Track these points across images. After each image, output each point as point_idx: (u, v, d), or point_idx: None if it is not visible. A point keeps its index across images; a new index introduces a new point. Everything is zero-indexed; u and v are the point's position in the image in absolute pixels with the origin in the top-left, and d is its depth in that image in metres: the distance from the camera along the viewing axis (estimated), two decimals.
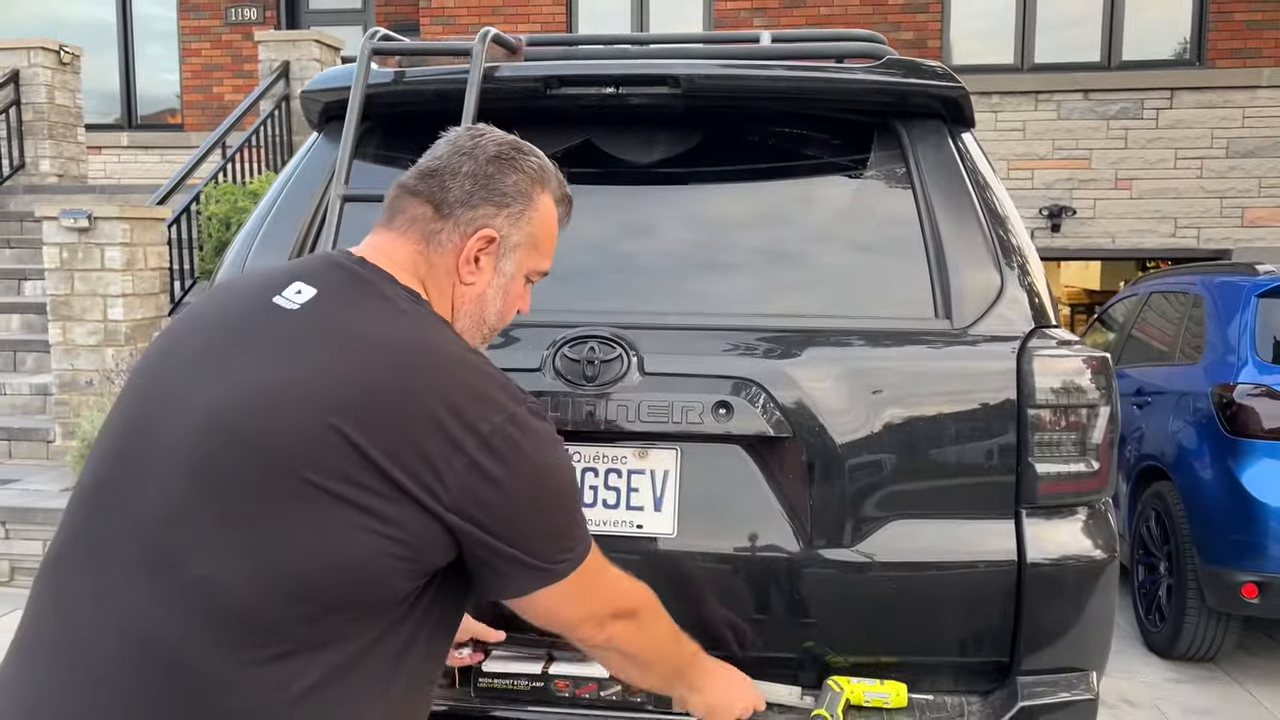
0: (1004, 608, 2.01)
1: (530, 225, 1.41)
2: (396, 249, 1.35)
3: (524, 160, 1.40)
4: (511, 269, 1.41)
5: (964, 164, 2.24)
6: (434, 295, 1.35)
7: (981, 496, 2.02)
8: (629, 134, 2.32)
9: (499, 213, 1.37)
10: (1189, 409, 4.61)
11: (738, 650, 2.05)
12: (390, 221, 1.38)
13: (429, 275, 1.35)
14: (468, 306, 1.38)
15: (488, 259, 1.37)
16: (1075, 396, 2.04)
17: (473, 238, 1.35)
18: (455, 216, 1.35)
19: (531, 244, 1.42)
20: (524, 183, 1.39)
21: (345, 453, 1.14)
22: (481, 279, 1.38)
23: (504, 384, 1.27)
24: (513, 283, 1.42)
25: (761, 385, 2.01)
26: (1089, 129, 8.90)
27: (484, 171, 1.36)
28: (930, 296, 2.12)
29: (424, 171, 1.38)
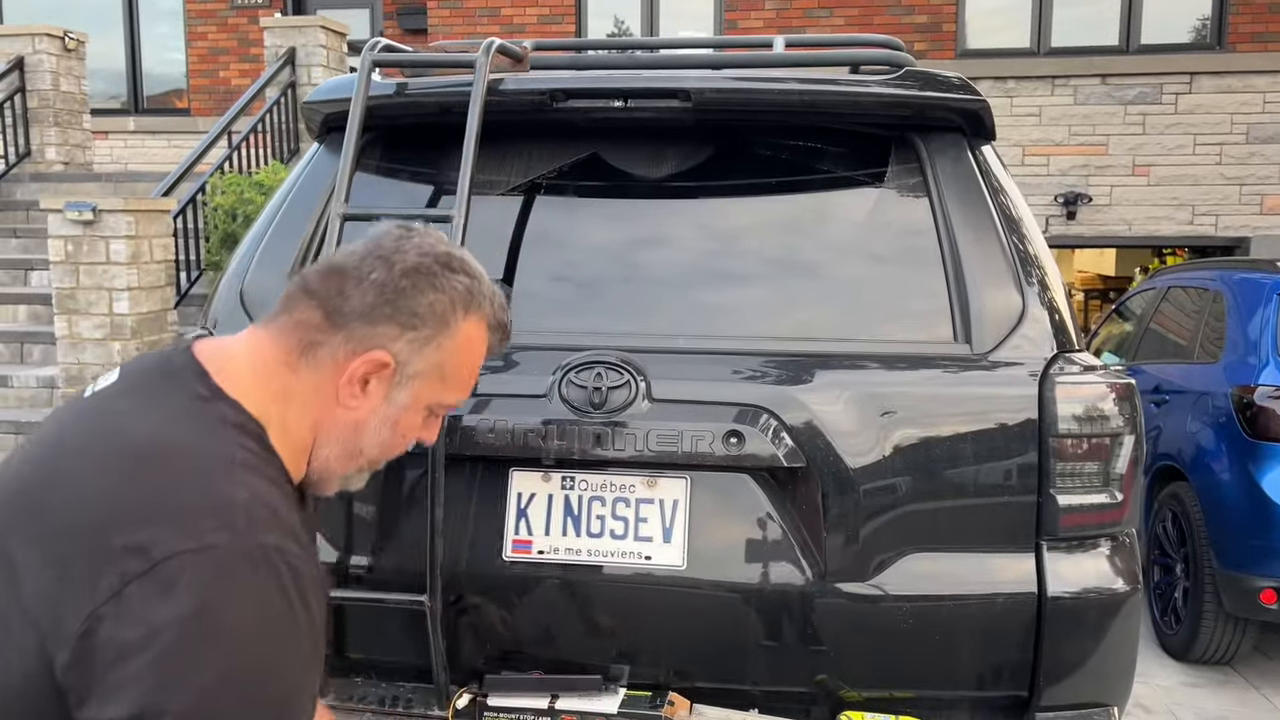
0: (1023, 642, 1.95)
1: (439, 354, 1.16)
2: (257, 351, 1.14)
3: (449, 279, 1.16)
4: (405, 400, 1.17)
5: (984, 179, 2.16)
6: (290, 413, 1.12)
7: (1001, 528, 1.96)
8: (638, 147, 2.25)
9: (401, 334, 1.14)
10: (1208, 409, 4.52)
11: (749, 685, 2.00)
12: (272, 319, 1.17)
13: (287, 389, 1.12)
14: (340, 432, 1.15)
15: (379, 385, 1.15)
16: (1099, 425, 1.97)
17: (360, 358, 1.12)
18: (348, 329, 1.12)
19: (437, 374, 1.18)
20: (442, 304, 1.15)
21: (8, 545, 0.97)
22: (365, 405, 1.15)
23: (232, 507, 0.97)
24: (406, 414, 1.18)
25: (774, 413, 1.95)
26: (1106, 114, 8.76)
27: (395, 284, 1.13)
28: (949, 319, 2.05)
29: (329, 269, 1.16)
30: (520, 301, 2.16)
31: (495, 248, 2.19)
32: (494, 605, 2.02)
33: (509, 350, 2.08)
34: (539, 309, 2.14)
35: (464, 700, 2.00)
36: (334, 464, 1.17)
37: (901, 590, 1.95)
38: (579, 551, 2.00)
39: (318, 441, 1.15)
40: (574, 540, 2.00)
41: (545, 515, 2.02)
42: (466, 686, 2.03)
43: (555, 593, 2.00)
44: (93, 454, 1.02)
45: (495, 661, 2.04)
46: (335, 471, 1.18)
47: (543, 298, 2.16)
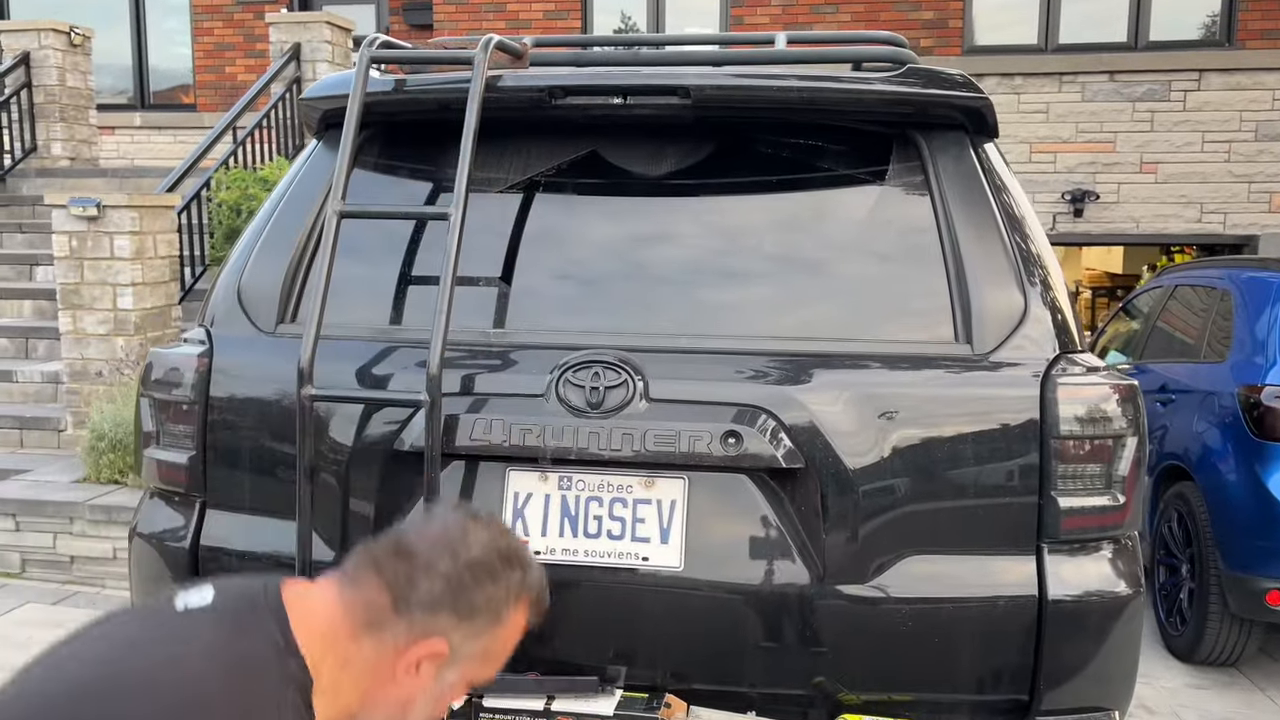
0: (1024, 645, 1.93)
1: (490, 641, 1.28)
2: (330, 613, 1.22)
3: (507, 575, 1.26)
4: (453, 679, 1.27)
5: (987, 177, 2.14)
6: (344, 679, 1.20)
7: (1001, 530, 1.94)
8: (637, 145, 2.23)
9: (458, 625, 1.23)
10: (1214, 409, 4.49)
11: (746, 687, 1.98)
12: (343, 587, 1.25)
13: (347, 657, 1.21)
14: (388, 707, 1.24)
15: (429, 667, 1.24)
16: (1101, 426, 1.95)
17: (420, 645, 1.22)
18: (411, 618, 1.21)
19: (484, 657, 1.29)
20: (498, 599, 1.26)
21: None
22: (416, 685, 1.24)
23: None
24: (450, 691, 1.29)
25: (772, 413, 1.94)
26: (1114, 111, 8.71)
27: (459, 577, 1.23)
28: (950, 319, 2.03)
29: (398, 549, 1.25)
30: (518, 300, 2.14)
31: (493, 245, 2.18)
32: None
33: (506, 349, 2.07)
34: (537, 307, 2.13)
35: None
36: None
37: (901, 592, 1.93)
38: (576, 552, 1.98)
39: (365, 708, 1.22)
40: (571, 540, 1.99)
41: (542, 515, 2.01)
42: None
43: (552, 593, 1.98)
44: (155, 685, 1.07)
45: None
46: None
47: (541, 296, 2.14)
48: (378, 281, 2.20)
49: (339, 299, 2.11)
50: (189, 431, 2.14)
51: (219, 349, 2.16)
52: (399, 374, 2.05)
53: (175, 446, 2.17)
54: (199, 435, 2.13)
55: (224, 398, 2.13)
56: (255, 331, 2.16)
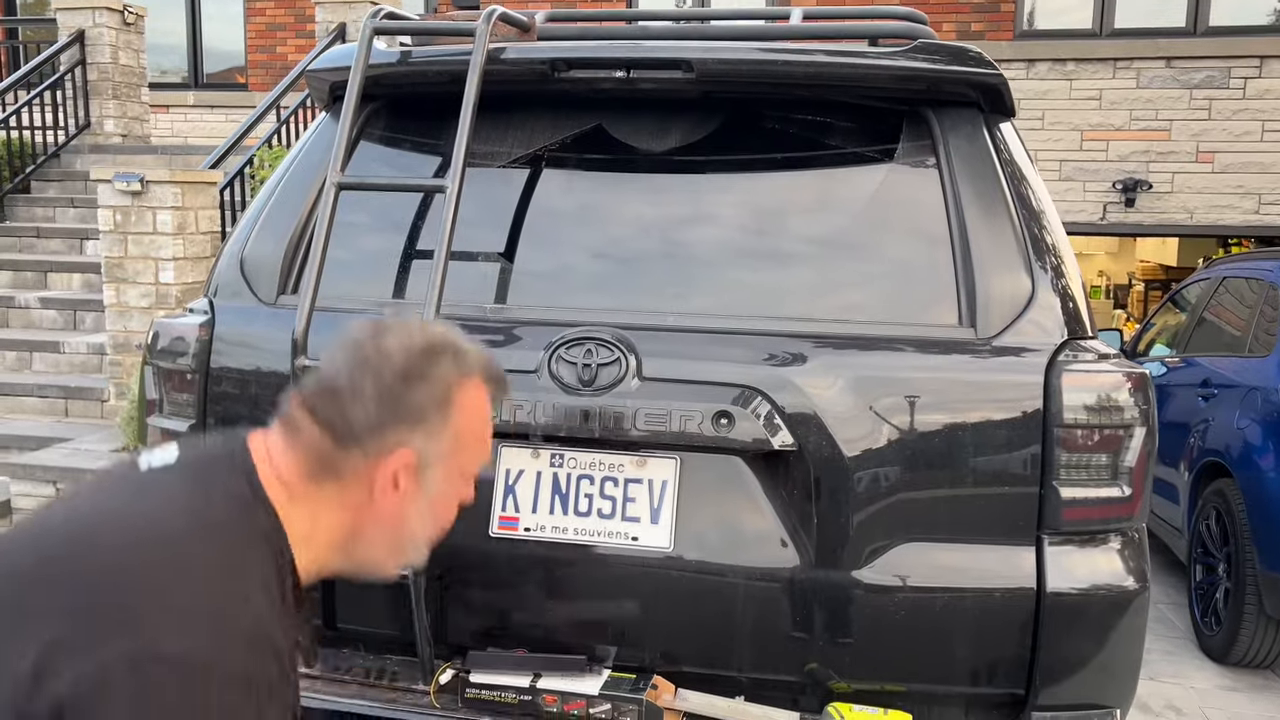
0: (1020, 638, 1.88)
1: (454, 430, 1.21)
2: (283, 470, 1.17)
3: (436, 367, 1.20)
4: (438, 480, 1.21)
5: (999, 157, 2.07)
6: (318, 518, 1.17)
7: (1000, 520, 1.89)
8: (641, 120, 2.20)
9: (413, 430, 1.18)
10: (1256, 405, 4.35)
11: (735, 671, 1.96)
12: (288, 442, 1.19)
13: (310, 497, 1.17)
14: (382, 530, 1.20)
15: (406, 478, 1.19)
16: (1108, 415, 1.89)
17: (385, 464, 1.17)
18: (361, 445, 1.17)
19: (458, 447, 1.22)
20: (439, 391, 1.20)
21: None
22: (401, 501, 1.19)
23: (196, 618, 1.00)
24: (441, 495, 1.23)
25: (766, 394, 1.90)
26: (1170, 98, 8.46)
27: (391, 391, 1.17)
28: (955, 301, 1.98)
29: (322, 389, 1.19)
30: (516, 275, 2.13)
31: (493, 219, 2.16)
32: (479, 582, 2.00)
33: (501, 324, 2.05)
34: (534, 283, 2.11)
35: (447, 675, 1.99)
36: (382, 558, 1.23)
37: (894, 580, 1.89)
38: (566, 530, 1.97)
39: (356, 542, 1.21)
40: (561, 518, 1.97)
41: (533, 492, 1.99)
42: (450, 662, 2.01)
43: (541, 571, 1.98)
44: (124, 538, 1.05)
45: (480, 638, 2.02)
46: (386, 563, 1.23)
47: (539, 271, 2.12)
48: (378, 254, 2.20)
49: (339, 271, 2.11)
50: (190, 400, 2.16)
51: (220, 319, 2.17)
52: None
53: (177, 415, 2.19)
54: (199, 404, 2.15)
55: (224, 367, 2.15)
56: (257, 302, 2.17)
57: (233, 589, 1.04)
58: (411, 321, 1.25)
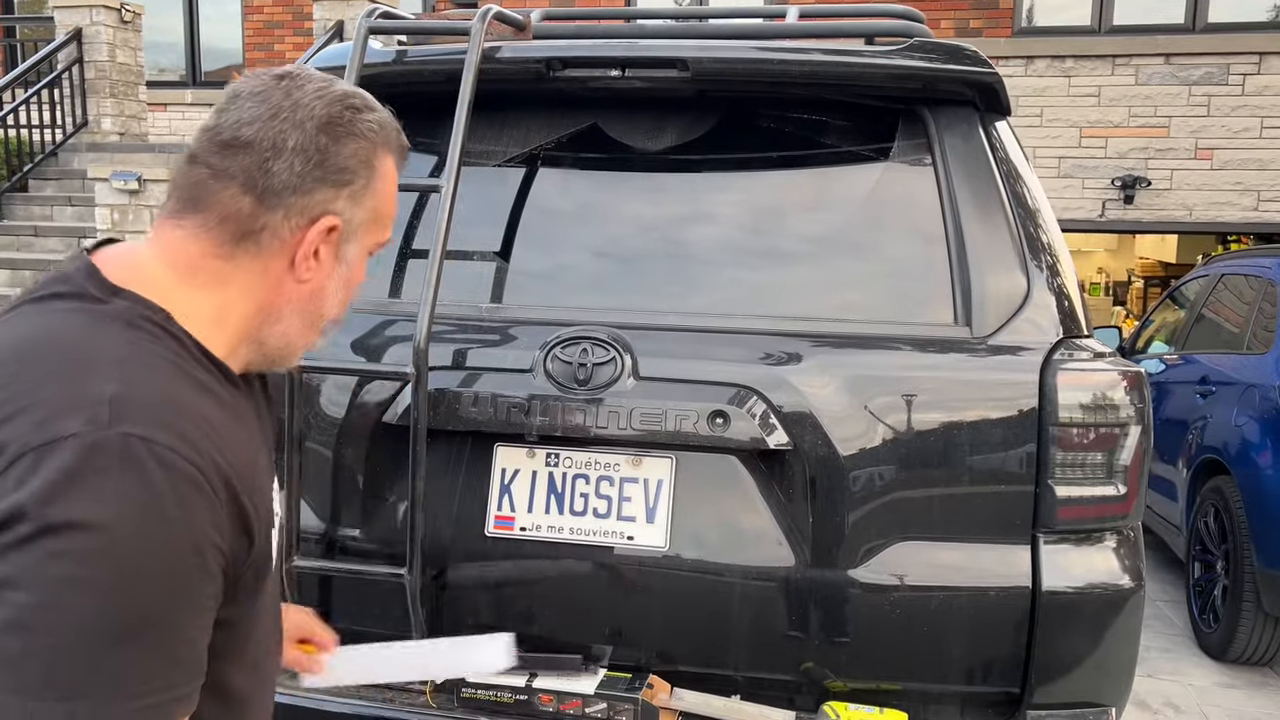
0: (1015, 637, 1.88)
1: (374, 199, 1.10)
2: (173, 250, 1.02)
3: (362, 122, 1.07)
4: (356, 253, 1.11)
5: (994, 155, 2.07)
6: (229, 300, 1.04)
7: (996, 518, 1.89)
8: (636, 119, 2.20)
9: (338, 193, 1.05)
10: (1254, 402, 4.35)
11: (731, 670, 1.96)
12: (181, 217, 1.03)
13: (220, 277, 1.03)
14: (297, 305, 1.08)
15: (328, 249, 1.07)
16: (1103, 414, 1.89)
17: (313, 229, 1.04)
18: (285, 206, 1.03)
19: (374, 218, 1.12)
20: (365, 150, 1.07)
21: None
22: (320, 273, 1.08)
23: (98, 402, 0.87)
24: (355, 267, 1.13)
25: (761, 394, 1.90)
26: (1169, 95, 8.46)
27: (316, 144, 1.03)
28: (950, 300, 1.98)
29: (230, 145, 1.03)
30: (512, 274, 2.13)
31: (489, 219, 2.16)
32: (475, 581, 2.01)
33: (497, 323, 2.05)
34: (530, 282, 2.11)
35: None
36: (295, 337, 1.11)
37: (889, 579, 1.89)
38: (561, 529, 1.97)
39: (269, 320, 1.08)
40: (556, 518, 1.97)
41: (529, 492, 1.99)
42: None
43: (536, 570, 1.98)
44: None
45: None
46: (298, 344, 1.12)
47: (535, 270, 2.12)
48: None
49: None
50: None
51: None
52: (391, 347, 2.05)
53: None
54: None
55: None
56: None
57: (91, 370, 0.90)
58: (320, 73, 1.11)
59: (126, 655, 0.83)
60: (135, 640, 0.83)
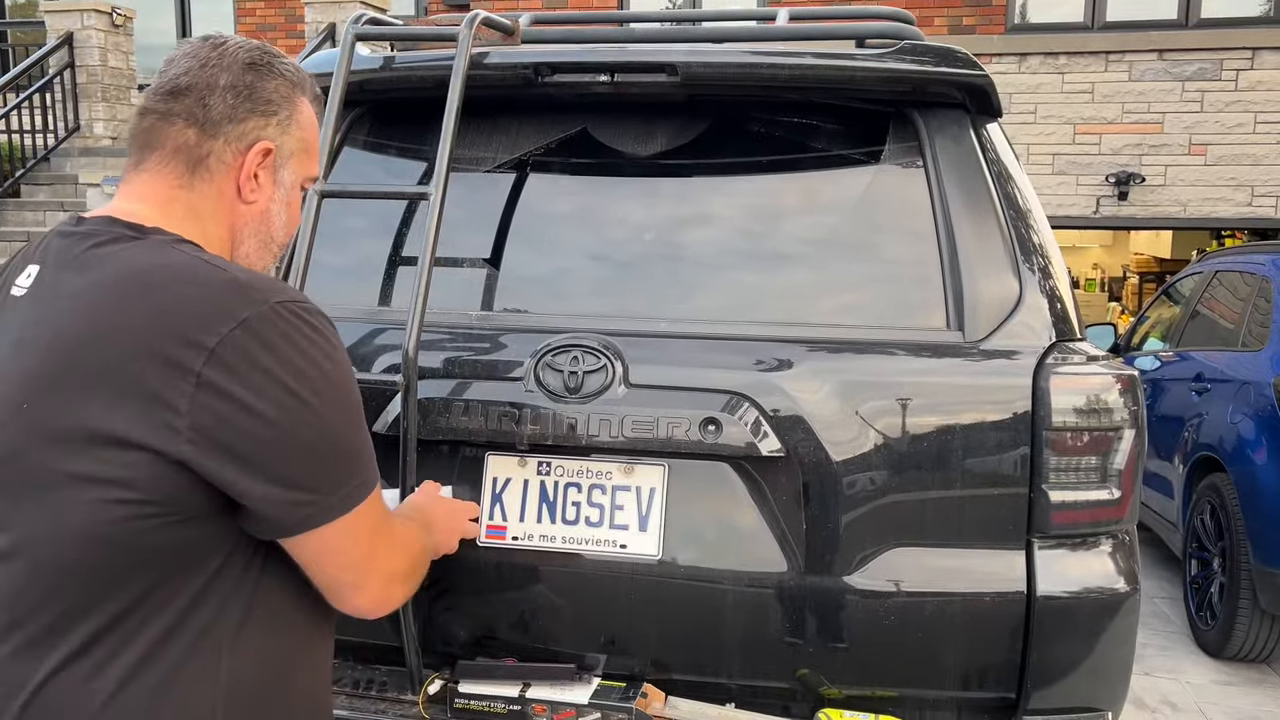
0: (1011, 642, 1.87)
1: (300, 130, 1.30)
2: (145, 194, 1.22)
3: (280, 64, 1.28)
4: (290, 178, 1.30)
5: (985, 158, 2.06)
6: (207, 227, 1.23)
7: (990, 524, 1.88)
8: (625, 124, 2.19)
9: (268, 122, 1.25)
10: (1249, 399, 4.35)
11: (726, 678, 1.95)
12: (142, 162, 1.23)
13: (192, 208, 1.23)
14: (253, 225, 1.28)
15: (266, 173, 1.27)
16: (1097, 418, 1.88)
17: (250, 152, 1.24)
18: (224, 134, 1.22)
19: (303, 149, 1.31)
20: (284, 87, 1.27)
21: (40, 429, 1.07)
22: (263, 195, 1.27)
23: (240, 287, 1.11)
24: (292, 193, 1.32)
25: (754, 400, 1.89)
26: (1162, 91, 8.46)
27: (244, 81, 1.23)
28: (942, 305, 1.97)
29: (170, 93, 1.22)
30: (502, 281, 2.11)
31: (478, 226, 2.15)
32: (467, 591, 1.99)
33: (488, 331, 2.04)
34: (520, 289, 2.10)
35: (435, 686, 1.97)
36: (254, 258, 1.29)
37: (884, 586, 1.88)
38: (554, 538, 1.96)
39: (237, 242, 1.27)
40: (549, 527, 1.96)
41: (520, 500, 1.98)
42: (439, 672, 2.00)
43: (529, 579, 1.96)
44: (91, 302, 1.10)
45: (469, 647, 2.01)
46: (256, 265, 1.29)
47: (525, 278, 2.11)
48: (362, 260, 2.19)
49: (324, 277, 2.10)
50: None
51: None
52: (381, 355, 2.03)
53: None
54: None
55: None
56: None
57: (211, 270, 1.14)
58: (238, 37, 1.30)
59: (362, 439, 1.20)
60: (358, 434, 1.19)
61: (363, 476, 1.18)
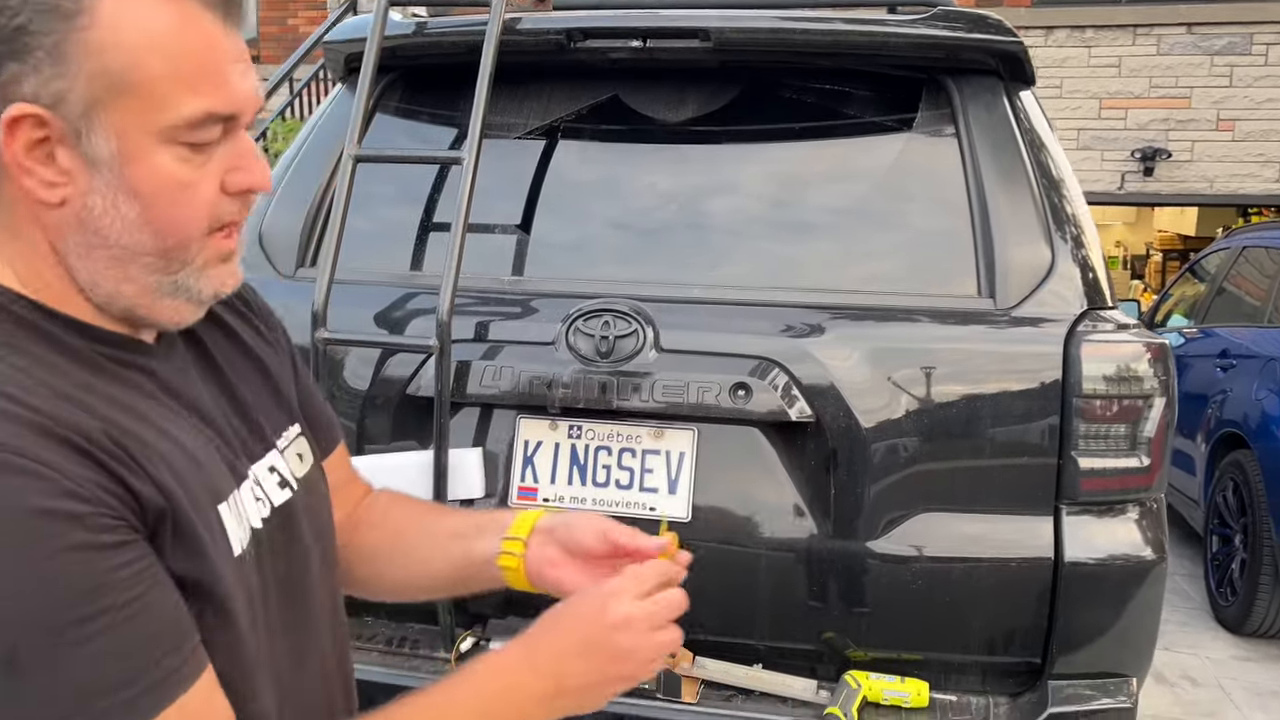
0: (1037, 608, 1.89)
1: (93, 60, 0.70)
2: None
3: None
4: (109, 148, 0.72)
5: (1019, 125, 2.06)
6: (17, 253, 0.76)
7: (1018, 490, 1.89)
8: (658, 90, 2.19)
9: (17, 73, 0.70)
10: (1274, 375, 4.33)
11: (754, 640, 1.97)
12: None
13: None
14: (77, 237, 0.75)
15: (64, 153, 0.72)
16: (1127, 386, 1.88)
17: (2, 140, 0.71)
18: None
19: (120, 88, 0.71)
20: (30, 5, 0.69)
21: None
22: (64, 189, 0.73)
23: None
24: (136, 168, 0.73)
25: (784, 366, 1.90)
26: (1191, 65, 8.35)
27: None
28: (974, 272, 1.97)
29: None
30: (534, 247, 2.13)
31: (511, 191, 2.16)
32: None
33: (519, 296, 2.05)
34: (553, 254, 2.11)
35: (467, 643, 2.01)
36: (111, 283, 0.77)
37: (911, 550, 1.89)
38: (584, 500, 1.98)
39: (70, 266, 0.76)
40: (579, 489, 1.98)
41: (551, 463, 2.00)
42: (471, 630, 2.04)
43: None
44: None
45: (500, 607, 2.04)
46: (125, 291, 0.77)
47: (557, 243, 2.13)
48: (396, 226, 2.20)
49: (360, 244, 2.12)
50: None
51: None
52: (414, 320, 2.05)
53: None
54: None
55: None
56: (275, 275, 2.18)
57: None
58: None
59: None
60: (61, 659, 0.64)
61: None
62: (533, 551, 1.03)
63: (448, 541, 1.09)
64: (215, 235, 0.79)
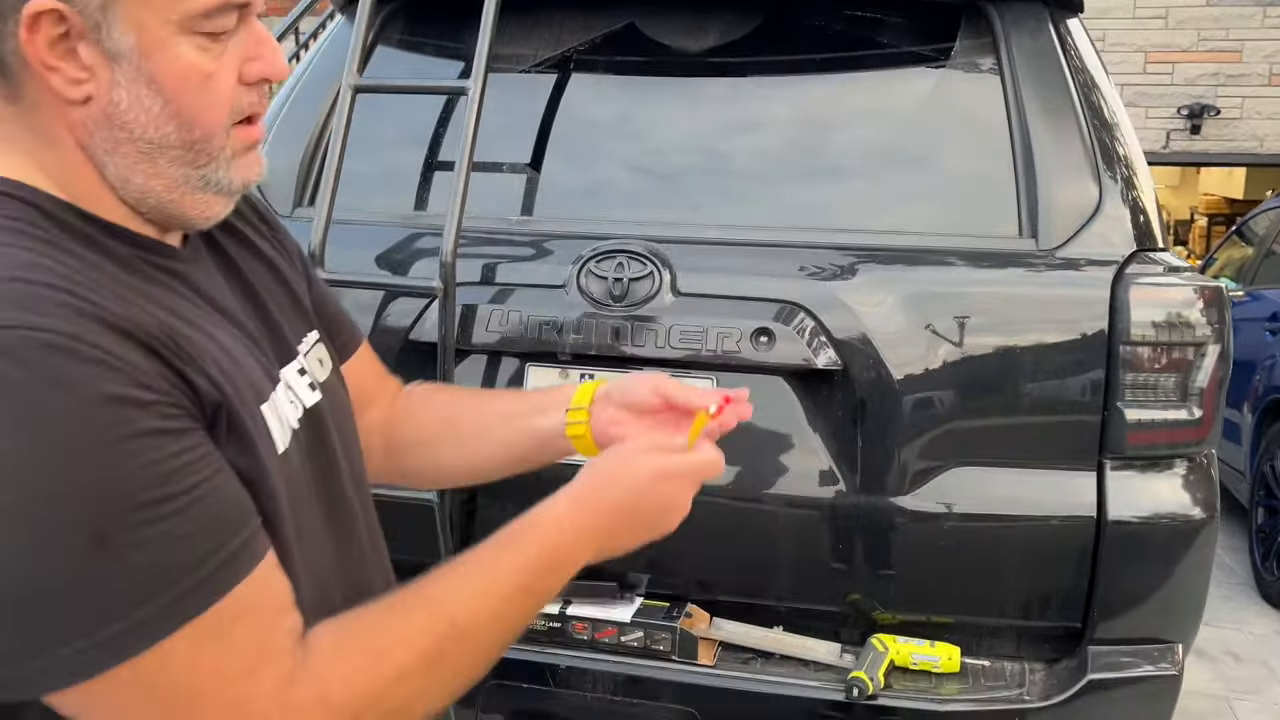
0: (1078, 569, 1.77)
1: None
2: None
3: None
4: (129, 40, 0.74)
5: (1065, 56, 1.91)
6: (40, 156, 0.77)
7: (1059, 443, 1.77)
8: (676, 18, 2.06)
9: None
10: None
11: (774, 600, 1.87)
12: None
13: (10, 139, 0.77)
14: (105, 134, 0.76)
15: (86, 49, 0.74)
16: (1179, 333, 1.75)
17: (24, 38, 0.71)
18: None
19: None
20: None
21: None
22: (90, 84, 0.74)
23: None
24: (156, 59, 0.75)
25: (810, 310, 1.78)
26: (1242, 17, 8.04)
27: None
28: (1015, 211, 1.84)
29: None
30: (544, 185, 2.02)
31: (519, 126, 2.05)
32: (507, 506, 1.92)
33: (528, 237, 1.94)
34: (563, 193, 2.00)
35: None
36: (141, 179, 0.79)
37: (942, 507, 1.78)
38: None
39: (99, 164, 0.78)
40: None
41: None
42: None
43: None
44: None
45: None
46: (154, 186, 0.79)
47: (566, 182, 2.02)
48: (397, 163, 2.10)
49: (357, 182, 2.02)
50: None
51: None
52: (417, 261, 1.95)
53: None
54: None
55: None
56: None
57: None
58: None
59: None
60: (77, 566, 0.65)
61: (103, 632, 0.65)
62: (596, 417, 1.08)
63: (501, 422, 1.14)
64: (239, 126, 0.81)
